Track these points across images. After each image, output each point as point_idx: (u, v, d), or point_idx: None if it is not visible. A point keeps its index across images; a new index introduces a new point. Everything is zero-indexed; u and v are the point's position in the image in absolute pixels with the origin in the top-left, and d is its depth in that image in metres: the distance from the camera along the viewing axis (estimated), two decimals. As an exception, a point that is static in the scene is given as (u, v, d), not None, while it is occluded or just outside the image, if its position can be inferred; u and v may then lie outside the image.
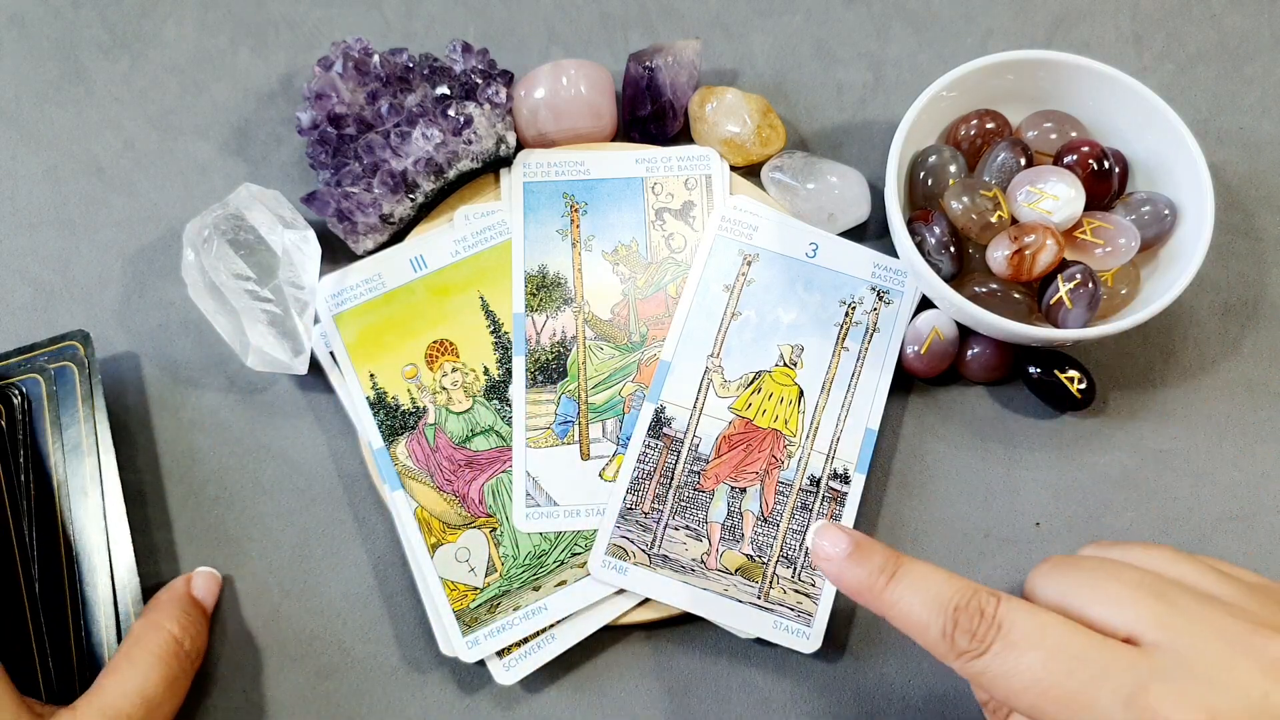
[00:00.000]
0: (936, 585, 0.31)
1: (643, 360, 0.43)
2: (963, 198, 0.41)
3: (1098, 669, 0.28)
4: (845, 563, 0.32)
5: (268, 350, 0.41)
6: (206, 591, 0.41)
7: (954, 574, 0.31)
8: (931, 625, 0.30)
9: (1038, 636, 0.28)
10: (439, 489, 0.41)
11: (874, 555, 0.32)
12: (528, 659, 0.39)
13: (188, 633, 0.38)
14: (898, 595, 0.31)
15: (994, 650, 0.29)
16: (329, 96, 0.44)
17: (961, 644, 0.29)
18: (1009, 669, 0.29)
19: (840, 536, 0.33)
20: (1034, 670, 0.28)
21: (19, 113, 0.48)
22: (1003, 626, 0.29)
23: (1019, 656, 0.28)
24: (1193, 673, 0.27)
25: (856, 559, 0.32)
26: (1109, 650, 0.28)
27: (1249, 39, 0.49)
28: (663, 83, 0.45)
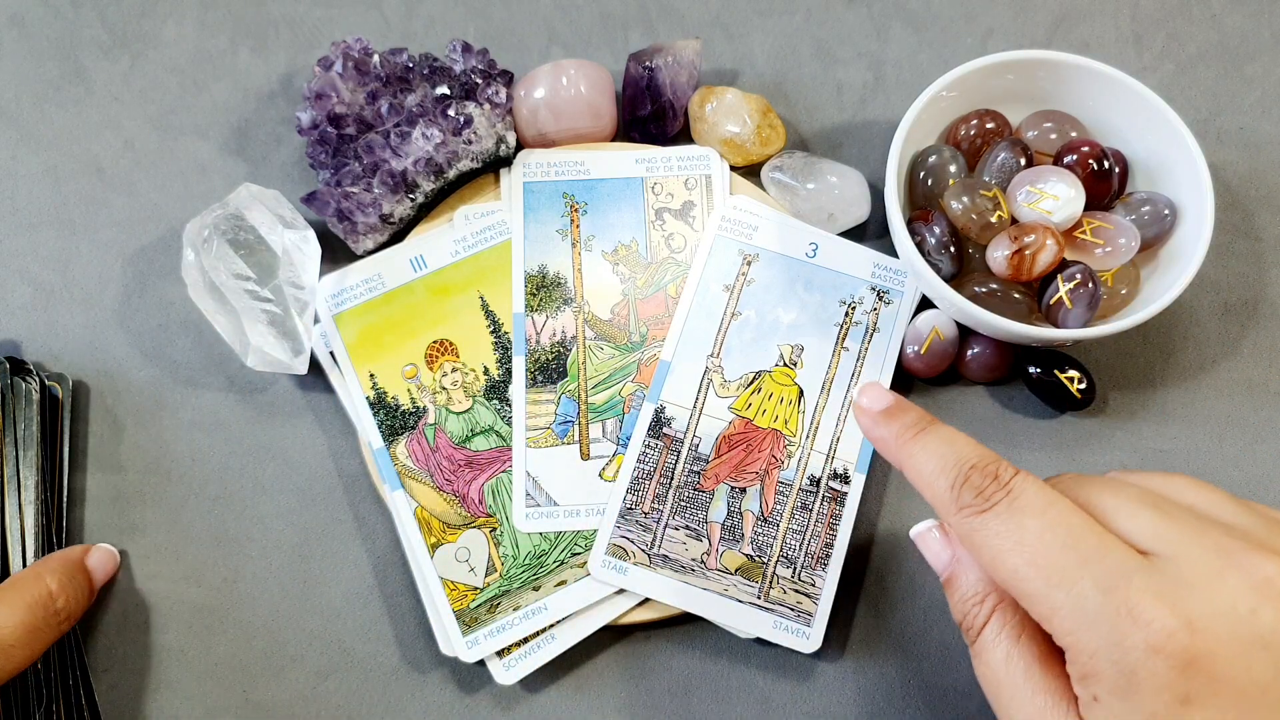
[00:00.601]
0: (959, 446, 0.31)
1: (643, 360, 0.43)
2: (963, 198, 0.41)
3: (1090, 552, 0.27)
4: (879, 415, 0.33)
5: (268, 350, 0.41)
6: (100, 566, 0.41)
7: (981, 444, 0.31)
8: (942, 477, 0.30)
9: (1042, 507, 0.29)
10: (439, 489, 0.41)
11: (908, 413, 0.33)
12: (528, 659, 0.39)
13: (65, 592, 0.38)
14: (919, 448, 0.32)
15: (996, 509, 0.29)
16: (329, 96, 0.44)
17: (966, 498, 0.30)
18: (1004, 529, 0.29)
19: (881, 394, 0.34)
20: (1029, 535, 0.28)
21: (19, 113, 0.48)
22: (1012, 491, 0.29)
23: (1019, 520, 0.29)
24: (1179, 578, 0.26)
25: (891, 414, 0.33)
26: (1106, 540, 0.28)
27: (1249, 39, 0.49)
28: (663, 83, 0.45)
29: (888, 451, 0.33)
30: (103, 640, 0.41)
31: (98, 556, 0.41)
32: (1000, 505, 0.29)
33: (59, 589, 0.38)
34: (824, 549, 0.41)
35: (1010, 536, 0.28)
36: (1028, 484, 0.29)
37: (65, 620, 0.38)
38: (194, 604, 0.41)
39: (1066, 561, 0.27)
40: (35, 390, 0.42)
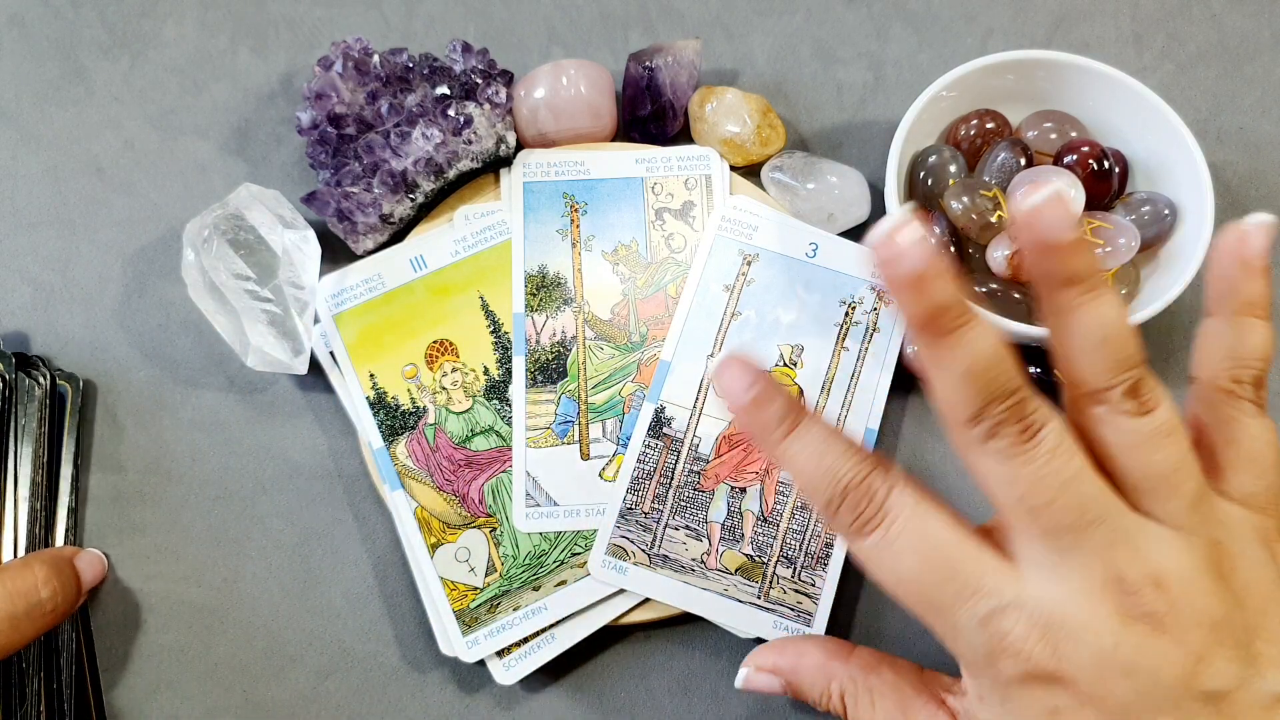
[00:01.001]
0: (833, 453, 0.30)
1: (643, 360, 0.43)
2: (963, 198, 0.41)
3: (965, 584, 0.28)
4: (746, 404, 0.31)
5: (268, 350, 0.41)
6: (89, 568, 0.40)
7: (853, 443, 0.30)
8: (819, 492, 0.30)
9: (917, 538, 0.29)
10: (439, 489, 0.41)
11: (774, 402, 0.31)
12: (528, 659, 0.39)
13: (51, 586, 0.38)
14: (794, 452, 0.30)
15: (872, 539, 0.29)
16: (329, 96, 0.44)
17: (844, 520, 0.30)
18: (883, 560, 0.29)
19: (742, 373, 0.31)
20: (907, 570, 0.29)
21: (19, 113, 0.48)
22: (887, 516, 0.29)
23: (895, 553, 0.29)
24: (1047, 609, 0.28)
25: (757, 404, 0.31)
26: (981, 565, 0.28)
27: (1249, 39, 0.49)
28: (663, 83, 0.45)
29: (759, 445, 0.32)
30: (103, 640, 0.41)
31: (86, 559, 0.41)
32: (876, 535, 0.29)
33: (44, 580, 0.38)
34: (824, 549, 0.41)
35: (890, 570, 0.29)
36: (902, 505, 0.29)
37: (50, 613, 0.38)
38: (194, 604, 0.41)
39: (943, 597, 0.28)
40: (38, 387, 0.41)
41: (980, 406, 0.28)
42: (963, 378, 0.28)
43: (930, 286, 0.27)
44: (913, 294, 0.27)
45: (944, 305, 0.27)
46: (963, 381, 0.28)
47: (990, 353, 0.28)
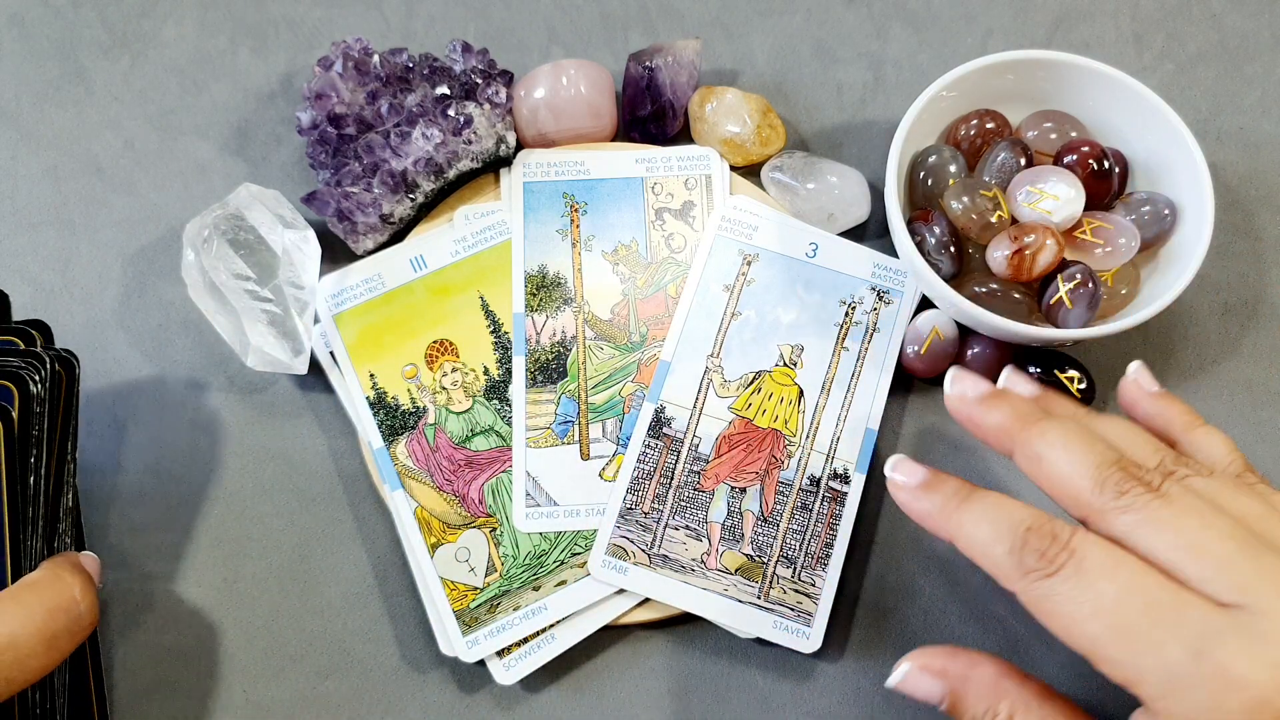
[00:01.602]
0: (1010, 509, 0.30)
1: (643, 360, 0.43)
2: (963, 198, 0.41)
3: (1172, 614, 0.27)
4: (918, 490, 0.32)
5: (268, 350, 0.41)
6: (94, 573, 0.37)
7: (1027, 504, 0.30)
8: (998, 544, 0.29)
9: (1112, 569, 0.27)
10: (439, 489, 0.41)
11: (947, 483, 0.32)
12: (528, 659, 0.39)
13: (88, 598, 0.34)
14: (968, 516, 0.31)
15: (1064, 573, 0.28)
16: (329, 96, 0.44)
17: (1029, 562, 0.29)
18: (1077, 595, 0.28)
19: (916, 468, 0.33)
20: (1105, 599, 0.27)
21: (19, 113, 0.48)
22: (1076, 552, 0.28)
23: (1091, 583, 0.27)
24: (1267, 634, 0.26)
25: (930, 486, 0.32)
26: (1183, 598, 0.27)
27: (1249, 39, 0.49)
28: (663, 83, 0.45)
29: (932, 523, 0.32)
30: (103, 640, 0.41)
31: (90, 563, 0.37)
32: (1068, 568, 0.28)
33: (82, 593, 0.34)
34: (824, 549, 0.41)
35: (1085, 603, 0.27)
36: (1089, 544, 0.28)
37: (86, 628, 0.34)
38: (194, 604, 0.41)
39: (1148, 625, 0.27)
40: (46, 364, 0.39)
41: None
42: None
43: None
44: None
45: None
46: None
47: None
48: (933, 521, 0.32)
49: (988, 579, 0.41)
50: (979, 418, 0.34)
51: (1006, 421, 0.33)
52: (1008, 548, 0.29)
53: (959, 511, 0.31)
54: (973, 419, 0.34)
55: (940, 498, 0.32)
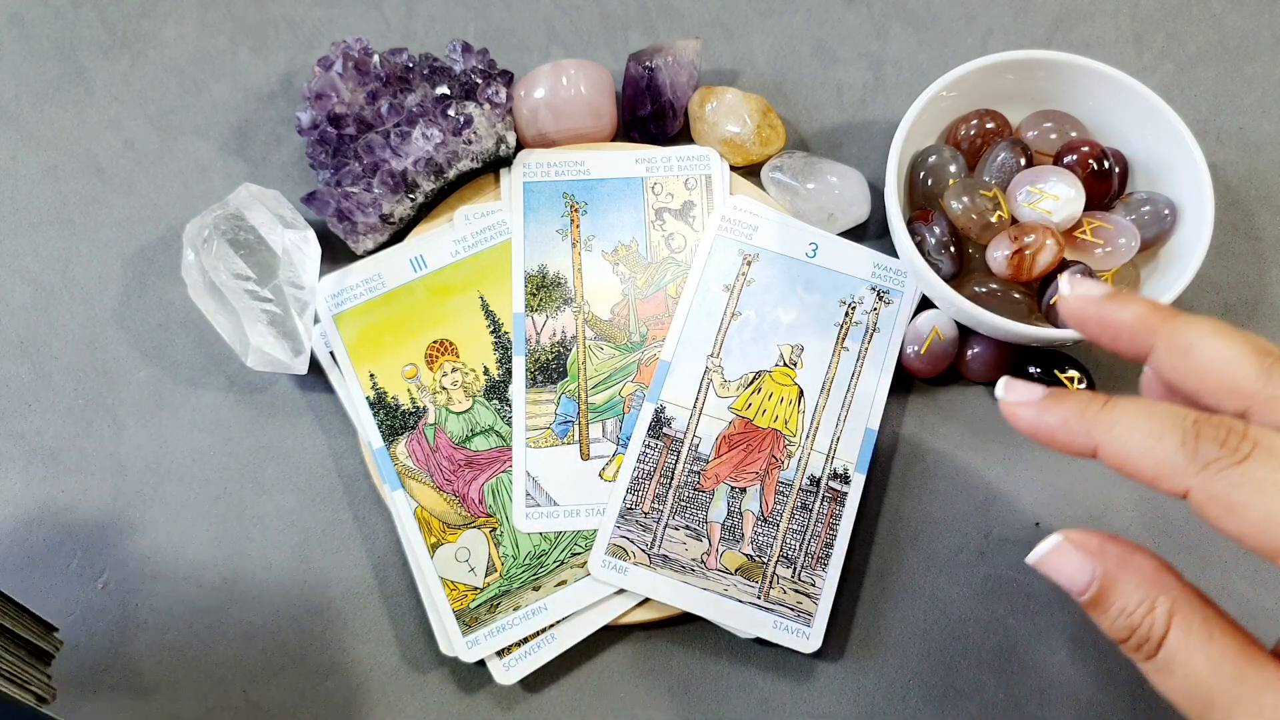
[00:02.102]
0: (1164, 407, 0.26)
1: (643, 360, 0.43)
2: (963, 198, 0.41)
3: None
4: (1045, 403, 0.28)
5: (268, 350, 0.41)
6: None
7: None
8: (1165, 440, 0.25)
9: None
10: (439, 489, 0.41)
11: (1077, 394, 0.28)
12: (528, 659, 0.39)
13: None
14: (1119, 417, 0.26)
15: (1256, 459, 0.24)
16: (329, 96, 0.44)
17: (1208, 453, 0.25)
18: (1274, 481, 0.24)
19: (1031, 386, 0.28)
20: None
21: (19, 113, 0.48)
22: (1260, 442, 0.25)
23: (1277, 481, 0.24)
24: None
25: (1056, 397, 0.28)
26: None
27: (1249, 39, 0.49)
28: (663, 83, 0.45)
29: (1068, 435, 0.27)
30: (103, 640, 0.41)
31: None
32: (1258, 454, 0.24)
33: None
34: (824, 549, 0.41)
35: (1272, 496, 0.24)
36: (1270, 432, 0.25)
37: None
38: (194, 604, 0.41)
39: None
40: None
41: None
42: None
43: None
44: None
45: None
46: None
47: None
48: (1069, 432, 0.27)
49: (988, 579, 0.41)
50: (1111, 314, 0.29)
51: (1145, 314, 0.28)
52: (1179, 440, 0.25)
53: (1105, 414, 0.27)
54: (1103, 317, 0.29)
55: (1076, 404, 0.27)
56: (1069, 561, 0.28)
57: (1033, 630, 0.41)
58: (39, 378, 0.44)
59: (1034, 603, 0.41)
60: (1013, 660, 0.40)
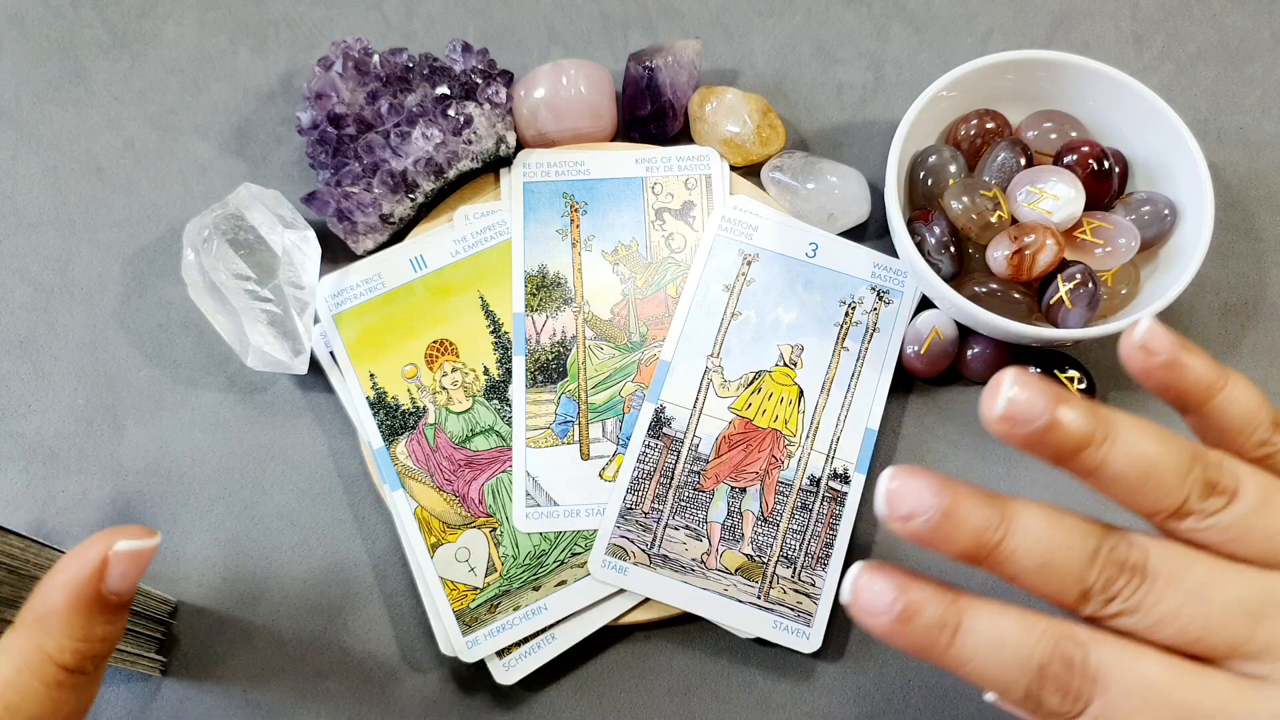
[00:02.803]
0: (1011, 639, 0.26)
1: (643, 360, 0.43)
2: (963, 198, 0.41)
3: (1203, 712, 0.25)
4: (895, 624, 0.27)
5: (268, 350, 0.41)
6: (125, 581, 0.27)
7: (1025, 613, 0.27)
8: (1013, 686, 0.26)
9: (1140, 692, 0.25)
10: (439, 489, 0.41)
11: (926, 608, 0.27)
12: (528, 659, 0.39)
13: (88, 655, 0.27)
14: (967, 655, 0.26)
15: (1092, 712, 0.25)
16: (329, 96, 0.44)
17: (1051, 703, 0.26)
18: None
19: (884, 590, 0.27)
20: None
21: (19, 113, 0.48)
22: (1098, 681, 0.25)
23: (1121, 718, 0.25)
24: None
25: (906, 619, 0.27)
26: (1217, 694, 0.25)
27: (1249, 39, 0.49)
28: (663, 83, 0.45)
29: (926, 659, 0.27)
30: (103, 640, 0.41)
31: (120, 570, 0.27)
32: (1095, 706, 0.25)
33: (75, 658, 0.27)
34: (824, 549, 0.41)
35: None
36: (1108, 661, 0.26)
37: (102, 671, 0.28)
38: (194, 604, 0.41)
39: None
40: None
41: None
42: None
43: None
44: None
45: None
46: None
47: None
48: (924, 658, 0.27)
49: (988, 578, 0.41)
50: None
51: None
52: (1023, 692, 0.26)
53: (953, 649, 0.26)
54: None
55: (923, 631, 0.26)
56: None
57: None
58: (39, 378, 0.44)
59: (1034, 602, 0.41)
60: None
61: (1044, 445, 0.27)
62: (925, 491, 0.26)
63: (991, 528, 0.26)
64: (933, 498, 0.26)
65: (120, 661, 0.38)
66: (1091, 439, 0.26)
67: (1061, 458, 0.27)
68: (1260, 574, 0.26)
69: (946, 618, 0.26)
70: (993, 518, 0.26)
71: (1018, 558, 0.26)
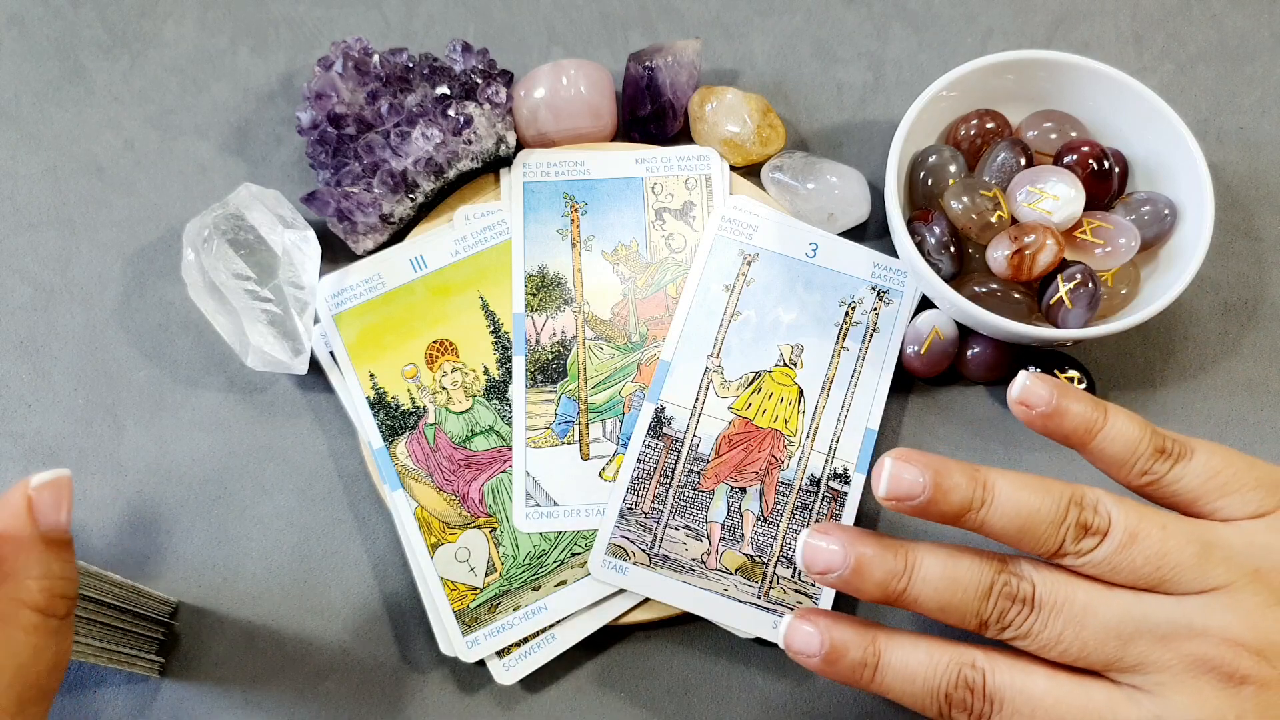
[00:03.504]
0: (920, 671, 0.31)
1: (643, 360, 0.43)
2: (963, 198, 0.41)
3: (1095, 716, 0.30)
4: (823, 665, 0.32)
5: (268, 350, 0.41)
6: (56, 512, 0.29)
7: (933, 643, 0.32)
8: (928, 709, 0.31)
9: (1029, 706, 0.30)
10: (439, 489, 0.41)
11: (848, 652, 0.32)
12: (528, 659, 0.39)
13: (55, 593, 0.28)
14: (886, 686, 0.32)
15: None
16: (329, 96, 0.44)
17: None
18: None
19: (810, 638, 0.32)
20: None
21: (19, 113, 0.48)
22: (994, 699, 0.30)
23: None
24: (1177, 714, 0.29)
25: (832, 660, 0.32)
26: (1095, 704, 0.30)
27: (1249, 39, 0.49)
28: (663, 83, 0.45)
29: (854, 687, 0.33)
30: (103, 640, 0.41)
31: (47, 503, 0.29)
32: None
33: (45, 598, 0.28)
34: (824, 549, 0.41)
35: None
36: (1004, 686, 0.30)
37: (71, 610, 0.29)
38: (194, 604, 0.41)
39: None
40: None
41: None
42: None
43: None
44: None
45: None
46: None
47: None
48: (853, 686, 0.32)
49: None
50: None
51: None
52: (937, 714, 0.31)
53: (875, 683, 0.32)
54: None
55: (847, 670, 0.32)
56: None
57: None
58: (39, 378, 0.44)
59: (1034, 603, 0.41)
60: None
61: (929, 514, 0.31)
62: (836, 553, 0.31)
63: (895, 578, 0.31)
64: (842, 557, 0.31)
65: (120, 662, 0.38)
66: (970, 505, 0.31)
67: (947, 521, 0.31)
68: (1132, 598, 0.30)
69: (866, 657, 0.32)
70: (895, 568, 0.31)
71: (921, 602, 0.31)
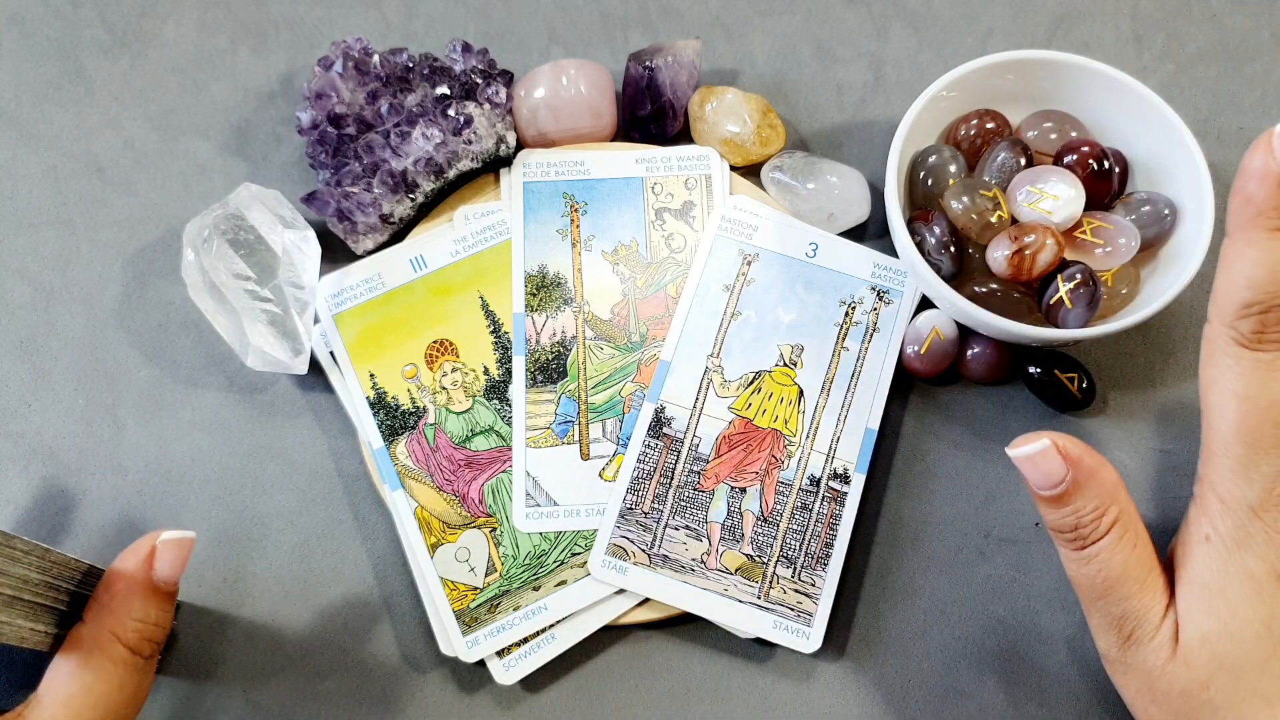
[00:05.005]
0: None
1: (643, 360, 0.43)
2: (963, 198, 0.41)
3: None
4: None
5: (268, 350, 0.41)
6: (172, 568, 0.34)
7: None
8: (1243, 291, 0.31)
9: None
10: (439, 489, 0.41)
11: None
12: (528, 659, 0.39)
13: (145, 636, 0.33)
14: (1236, 256, 0.32)
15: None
16: (329, 96, 0.44)
17: (1244, 329, 0.31)
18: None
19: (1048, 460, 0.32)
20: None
21: (19, 113, 0.48)
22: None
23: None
24: None
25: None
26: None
27: (1249, 39, 0.49)
28: (663, 83, 0.45)
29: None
30: (103, 640, 0.41)
31: (167, 558, 0.33)
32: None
33: (138, 638, 0.32)
34: (824, 549, 0.41)
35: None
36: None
37: (157, 655, 0.32)
38: (194, 604, 0.41)
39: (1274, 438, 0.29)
40: None
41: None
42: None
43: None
44: None
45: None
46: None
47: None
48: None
49: (988, 578, 0.41)
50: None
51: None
52: (1244, 300, 0.31)
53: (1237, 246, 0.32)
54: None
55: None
56: (1050, 462, 0.32)
57: (1033, 630, 0.41)
58: (39, 378, 0.44)
59: (1034, 603, 0.41)
60: (1013, 660, 0.40)
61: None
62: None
63: None
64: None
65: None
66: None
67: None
68: None
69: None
70: None
71: None
